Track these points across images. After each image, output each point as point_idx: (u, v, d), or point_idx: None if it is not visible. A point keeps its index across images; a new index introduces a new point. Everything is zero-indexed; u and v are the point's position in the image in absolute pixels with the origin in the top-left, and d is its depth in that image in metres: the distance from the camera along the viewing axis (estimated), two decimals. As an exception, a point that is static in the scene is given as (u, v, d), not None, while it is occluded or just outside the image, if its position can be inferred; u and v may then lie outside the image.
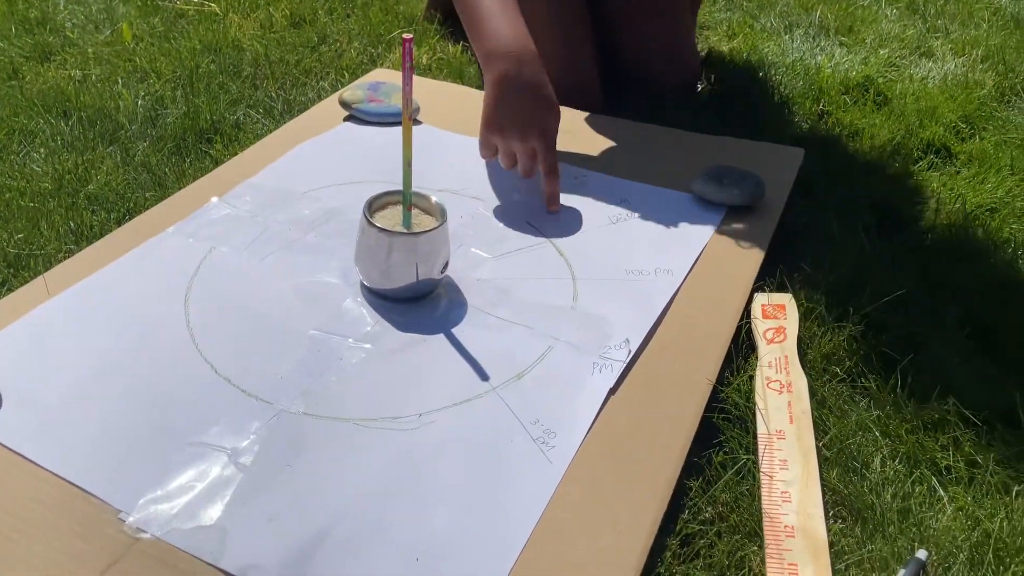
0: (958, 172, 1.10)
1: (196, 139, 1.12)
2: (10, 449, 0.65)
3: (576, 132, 1.11)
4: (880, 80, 1.31)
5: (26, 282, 0.84)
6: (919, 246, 0.95)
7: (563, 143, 1.08)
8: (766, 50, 1.39)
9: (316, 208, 0.95)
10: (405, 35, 0.71)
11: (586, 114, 1.15)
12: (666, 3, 1.21)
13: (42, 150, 1.10)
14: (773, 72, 1.31)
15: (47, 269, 0.86)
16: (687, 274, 0.86)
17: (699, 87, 1.25)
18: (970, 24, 1.54)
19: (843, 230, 0.96)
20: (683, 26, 1.21)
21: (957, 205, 1.02)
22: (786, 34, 1.46)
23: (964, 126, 1.21)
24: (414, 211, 0.82)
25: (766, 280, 0.87)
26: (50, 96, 1.21)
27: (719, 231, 0.92)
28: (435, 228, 0.79)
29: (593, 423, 0.70)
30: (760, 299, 0.84)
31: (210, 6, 1.52)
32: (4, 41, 1.37)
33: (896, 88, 1.30)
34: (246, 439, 0.67)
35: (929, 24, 1.52)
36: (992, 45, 1.44)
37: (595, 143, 1.08)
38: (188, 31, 1.43)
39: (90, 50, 1.37)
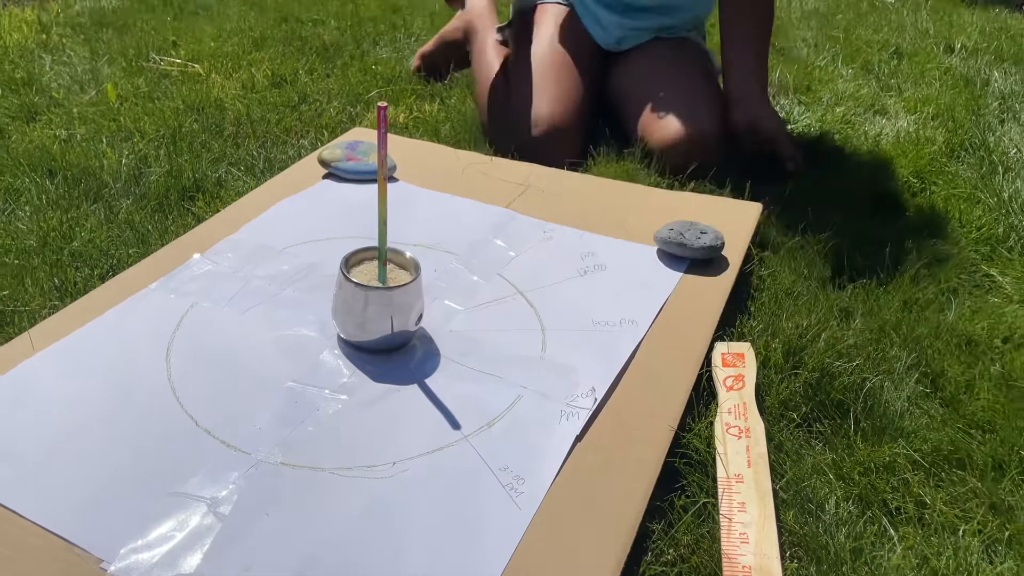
0: (909, 226, 1.15)
1: (179, 197, 1.16)
2: (-6, 501, 0.67)
3: (546, 188, 1.15)
4: (836, 137, 1.37)
5: (11, 338, 0.87)
6: (871, 297, 1.00)
7: (533, 199, 1.13)
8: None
9: (295, 263, 0.98)
10: (380, 103, 0.76)
11: (556, 170, 1.20)
12: (683, 91, 1.24)
13: (27, 208, 1.13)
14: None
15: (32, 325, 0.88)
16: (651, 324, 0.90)
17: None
18: (922, 83, 1.62)
19: (799, 281, 1.01)
20: (699, 111, 1.22)
21: (907, 257, 1.08)
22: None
23: (915, 180, 1.27)
24: (389, 266, 0.85)
25: (726, 330, 0.92)
26: (36, 155, 1.25)
27: (681, 283, 0.96)
28: (409, 283, 0.83)
29: (560, 469, 0.73)
30: (720, 348, 0.88)
31: (193, 67, 1.57)
32: (-9, 102, 1.41)
33: (851, 144, 1.36)
34: (225, 489, 0.69)
35: (883, 83, 1.60)
36: (942, 103, 1.52)
37: (564, 198, 1.13)
38: (172, 91, 1.47)
39: (75, 110, 1.41)
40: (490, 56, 1.39)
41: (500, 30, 1.44)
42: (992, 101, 1.56)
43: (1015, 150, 1.38)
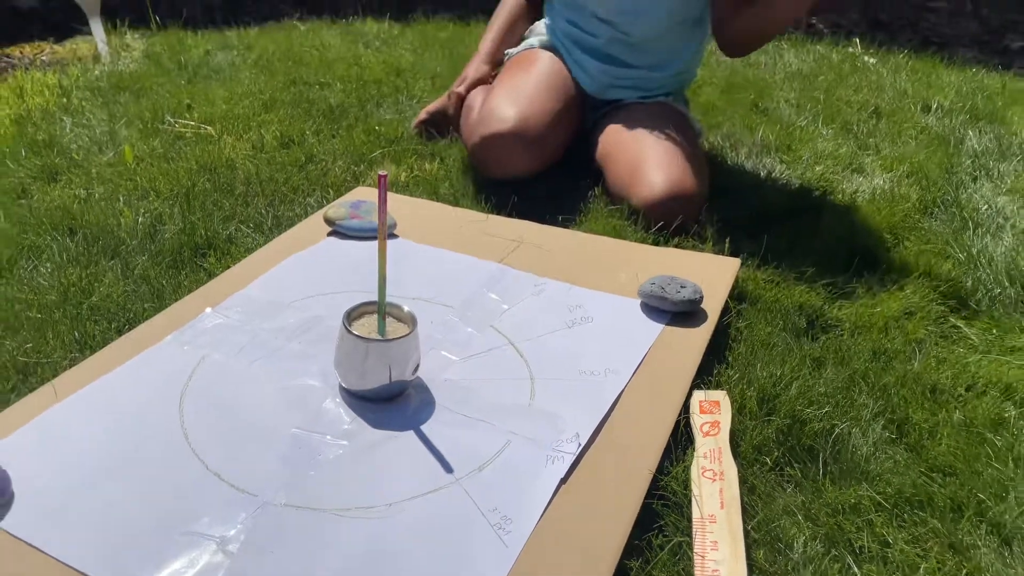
0: (881, 279, 1.21)
1: (192, 253, 1.23)
2: (20, 539, 0.72)
3: (537, 244, 1.22)
4: (815, 194, 1.45)
5: (34, 388, 0.93)
6: (842, 347, 1.06)
7: (526, 254, 1.20)
8: (713, 170, 1.53)
9: (300, 317, 1.05)
10: (381, 171, 0.83)
11: (547, 227, 1.27)
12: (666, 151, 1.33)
13: (49, 265, 1.20)
14: (719, 188, 1.45)
15: (54, 376, 0.95)
16: (633, 373, 0.96)
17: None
18: (899, 142, 1.70)
19: (774, 333, 1.07)
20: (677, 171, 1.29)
21: (878, 310, 1.14)
22: (731, 152, 1.61)
23: (889, 236, 1.34)
24: (388, 319, 0.92)
25: (704, 378, 0.98)
26: (57, 214, 1.32)
27: (663, 334, 1.03)
28: (406, 335, 0.89)
29: (545, 510, 0.78)
30: (698, 396, 0.94)
31: (206, 129, 1.65)
32: (14, 163, 1.49)
33: (829, 202, 1.43)
34: (233, 528, 0.75)
35: (861, 142, 1.68)
36: (917, 161, 1.59)
37: (554, 254, 1.20)
38: (185, 152, 1.56)
39: (94, 170, 1.49)
40: (475, 97, 1.50)
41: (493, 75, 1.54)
42: (965, 159, 1.63)
43: (986, 206, 1.45)
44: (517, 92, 1.38)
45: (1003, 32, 2.70)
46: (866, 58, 2.23)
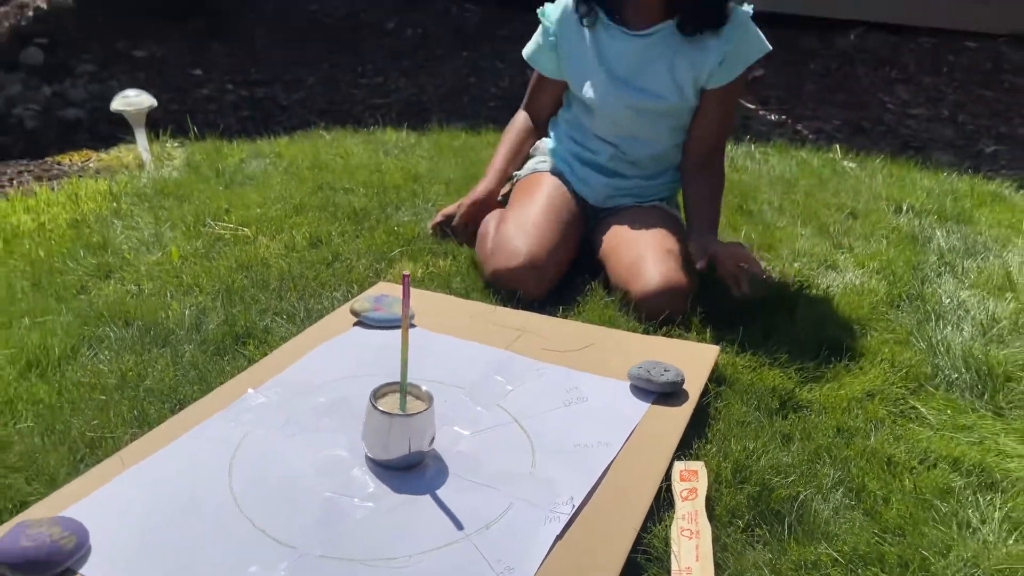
0: (847, 365, 1.35)
1: (233, 342, 1.38)
2: (97, 583, 0.86)
3: (539, 332, 1.37)
4: (792, 289, 1.60)
5: (101, 459, 1.07)
6: (808, 424, 1.19)
7: (528, 341, 1.35)
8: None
9: (330, 397, 1.19)
10: (404, 272, 0.99)
11: (547, 317, 1.43)
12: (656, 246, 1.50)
13: (107, 352, 1.35)
14: (705, 280, 1.60)
15: (117, 449, 1.09)
16: (622, 446, 1.10)
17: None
18: (872, 240, 1.86)
19: (748, 412, 1.20)
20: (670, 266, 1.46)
21: (843, 392, 1.27)
22: (718, 250, 1.77)
23: (858, 327, 1.48)
24: (408, 398, 1.06)
25: (684, 451, 1.11)
26: (113, 308, 1.49)
27: (649, 412, 1.16)
28: (424, 411, 1.04)
29: (543, 562, 0.91)
30: (679, 465, 1.07)
31: (243, 230, 1.84)
32: (74, 262, 1.67)
33: (804, 295, 1.58)
34: (277, 575, 0.87)
35: (836, 241, 1.84)
36: (887, 258, 1.75)
37: (553, 341, 1.35)
38: (225, 252, 1.73)
39: (143, 268, 1.66)
40: (489, 220, 1.66)
41: (505, 194, 1.72)
42: (932, 256, 1.79)
43: (948, 300, 1.60)
44: (525, 223, 1.54)
45: (977, 137, 2.90)
46: (846, 163, 2.42)
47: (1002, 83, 3.24)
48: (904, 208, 2.05)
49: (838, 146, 2.56)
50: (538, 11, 1.68)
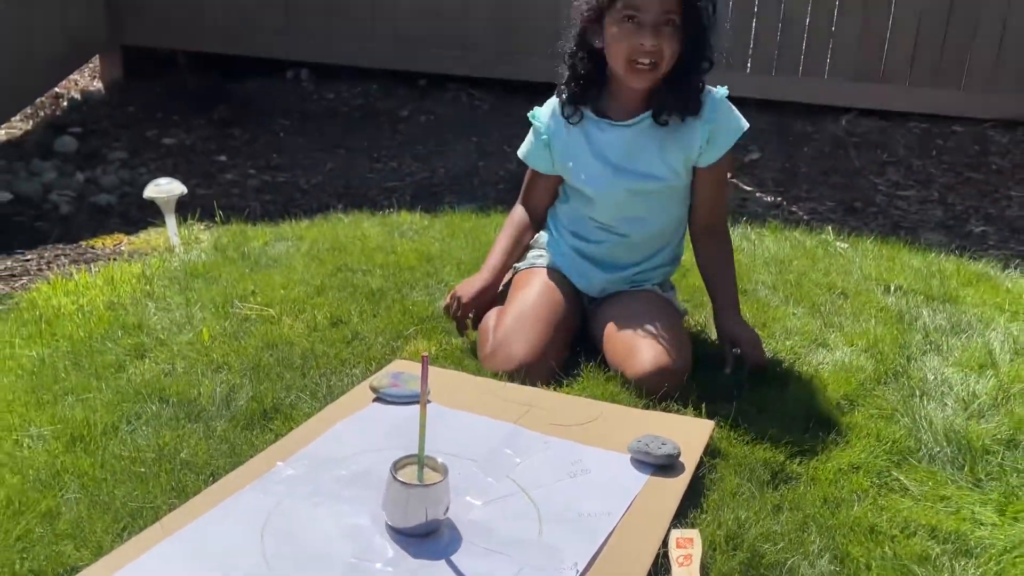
0: (835, 439, 1.45)
1: (261, 417, 1.49)
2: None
3: (544, 407, 1.47)
4: (783, 366, 1.70)
5: (143, 528, 1.16)
6: (797, 495, 1.28)
7: (536, 416, 1.45)
8: (696, 344, 1.80)
9: (353, 469, 1.29)
10: (424, 353, 1.10)
11: (553, 393, 1.53)
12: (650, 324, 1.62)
13: (145, 428, 1.46)
14: (702, 357, 1.70)
15: (157, 518, 1.18)
16: (623, 515, 1.19)
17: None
18: (861, 319, 1.96)
19: (741, 484, 1.29)
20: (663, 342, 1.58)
21: (830, 464, 1.36)
22: (715, 329, 1.88)
23: (846, 402, 1.58)
24: (425, 469, 1.16)
25: (680, 519, 1.20)
26: (149, 386, 1.59)
27: (647, 483, 1.26)
28: (439, 482, 1.13)
29: (549, 621, 0.99)
30: (675, 533, 1.16)
31: (268, 311, 1.96)
32: (112, 342, 1.78)
33: (795, 372, 1.68)
34: (306, 633, 0.96)
35: (827, 320, 1.94)
36: (875, 336, 1.85)
37: (559, 416, 1.45)
38: (252, 331, 1.85)
39: (176, 348, 1.77)
40: (490, 314, 1.76)
41: (504, 284, 1.83)
42: (917, 335, 1.89)
43: (932, 376, 1.70)
44: (521, 325, 1.64)
45: (966, 218, 3.03)
46: (838, 244, 2.54)
47: (989, 166, 3.38)
48: (892, 288, 2.16)
49: (830, 227, 2.68)
50: (529, 114, 1.82)
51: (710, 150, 1.65)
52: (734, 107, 1.69)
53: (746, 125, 1.69)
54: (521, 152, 1.85)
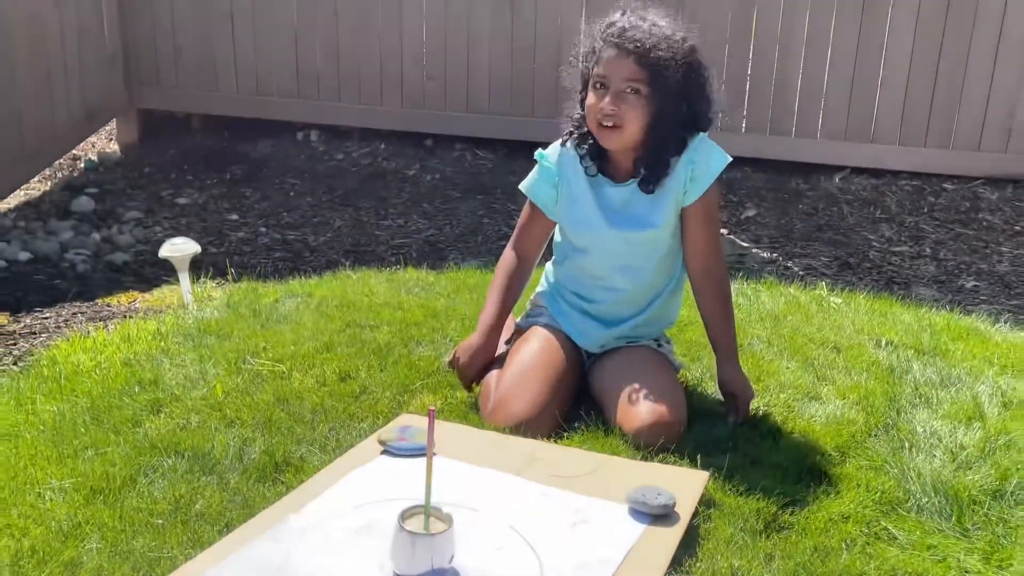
0: (826, 489, 1.50)
1: (273, 470, 1.54)
2: None
3: (545, 459, 1.53)
4: (777, 418, 1.76)
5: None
6: (789, 544, 1.33)
7: (538, 468, 1.50)
8: (692, 397, 1.86)
9: (362, 520, 1.34)
10: (431, 406, 1.17)
11: (555, 445, 1.59)
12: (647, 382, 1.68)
13: (162, 481, 1.52)
14: (698, 411, 1.76)
15: (175, 567, 1.24)
16: (621, 563, 1.24)
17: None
18: (852, 373, 2.02)
19: (735, 533, 1.34)
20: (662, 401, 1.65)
21: (821, 514, 1.42)
22: (711, 382, 1.94)
23: (836, 454, 1.63)
24: (431, 519, 1.22)
25: (675, 567, 1.25)
26: (164, 440, 1.66)
27: (645, 532, 1.31)
28: (445, 531, 1.19)
29: (550, 665, 1.04)
30: (670, 581, 1.21)
31: (279, 367, 2.03)
32: (128, 398, 1.85)
33: (788, 424, 1.74)
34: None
35: (819, 374, 2.01)
36: (866, 390, 1.91)
37: (560, 468, 1.50)
38: (263, 386, 1.91)
39: (190, 403, 1.84)
40: (491, 375, 1.83)
41: (507, 342, 1.90)
42: (908, 388, 1.94)
43: (921, 429, 1.75)
44: (523, 379, 1.70)
45: (958, 273, 3.10)
46: (832, 299, 2.61)
47: (980, 222, 3.47)
48: (884, 342, 2.23)
49: (824, 283, 2.76)
50: (536, 154, 1.90)
51: (693, 187, 1.73)
52: (714, 144, 1.76)
53: (727, 159, 1.75)
54: (524, 185, 1.90)
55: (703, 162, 1.72)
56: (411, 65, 3.97)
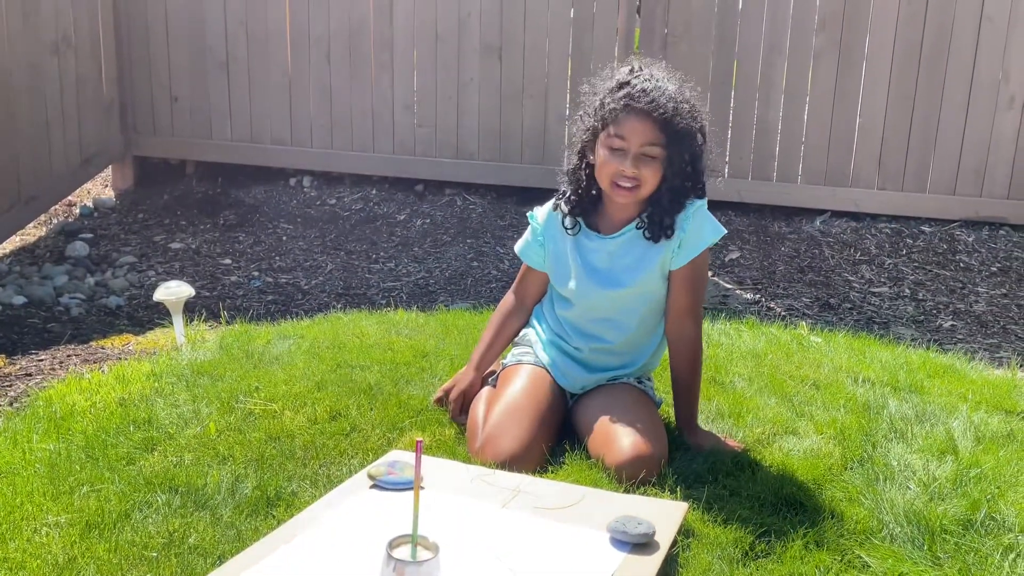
0: (802, 519, 1.54)
1: (265, 505, 1.58)
2: None
3: (530, 492, 1.57)
4: (755, 453, 1.81)
5: (155, 605, 1.25)
6: (765, 572, 1.37)
7: (523, 500, 1.55)
8: (673, 432, 1.91)
9: (351, 550, 1.38)
10: (418, 438, 1.22)
11: (539, 479, 1.63)
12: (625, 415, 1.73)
13: (156, 516, 1.55)
14: (680, 445, 1.81)
15: (168, 597, 1.27)
16: (602, 591, 1.28)
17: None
18: (830, 408, 2.08)
19: (713, 561, 1.39)
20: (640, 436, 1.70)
21: (796, 543, 1.46)
22: (693, 419, 1.99)
23: (813, 486, 1.68)
24: (418, 548, 1.26)
25: (655, 594, 1.29)
26: (159, 477, 1.69)
27: (625, 560, 1.35)
28: (431, 559, 1.23)
29: None
30: (650, 607, 1.25)
31: (271, 406, 2.07)
32: (123, 437, 1.89)
33: (766, 458, 1.79)
34: None
35: (798, 410, 2.06)
36: (843, 425, 1.97)
37: (544, 500, 1.55)
38: (256, 424, 1.95)
39: (184, 441, 1.88)
40: (478, 406, 1.88)
41: (493, 377, 1.95)
42: (883, 423, 2.00)
43: (896, 462, 1.80)
44: (510, 417, 1.75)
45: (936, 313, 3.18)
46: (812, 338, 2.68)
47: (957, 263, 3.56)
48: (861, 379, 2.29)
49: (804, 323, 2.83)
50: (528, 214, 1.99)
51: (680, 254, 1.80)
52: (710, 215, 1.83)
53: (720, 233, 1.83)
54: (518, 248, 2.01)
55: (695, 231, 1.79)
56: (402, 112, 4.08)
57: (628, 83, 1.75)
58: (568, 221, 1.87)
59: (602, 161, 1.76)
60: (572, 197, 1.86)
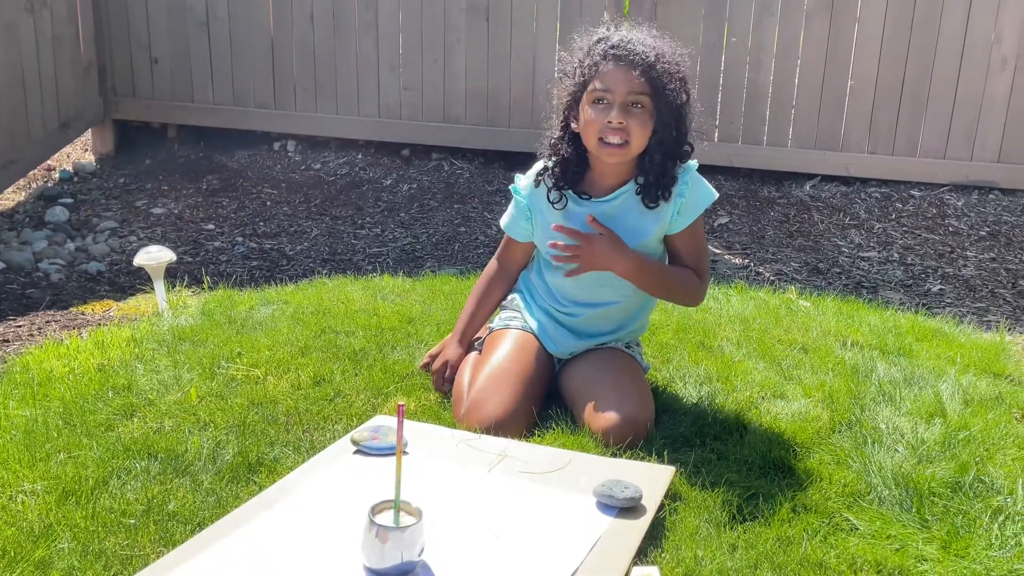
0: (790, 483, 1.53)
1: (246, 471, 1.56)
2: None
3: (517, 456, 1.55)
4: (743, 416, 1.79)
5: (133, 574, 1.23)
6: (752, 535, 1.36)
7: (509, 464, 1.53)
8: (661, 397, 1.89)
9: (333, 515, 1.36)
10: (400, 402, 1.19)
11: (525, 443, 1.61)
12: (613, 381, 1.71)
13: (135, 483, 1.52)
14: (667, 409, 1.79)
15: (145, 566, 1.25)
16: (588, 552, 1.26)
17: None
18: (818, 372, 2.07)
19: (699, 525, 1.37)
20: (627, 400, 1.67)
21: (784, 507, 1.45)
22: (680, 382, 1.98)
23: (801, 449, 1.67)
24: (401, 513, 1.24)
25: (641, 557, 1.27)
26: (138, 443, 1.66)
27: (611, 524, 1.34)
28: (414, 525, 1.21)
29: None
30: (637, 571, 1.24)
31: (253, 372, 2.04)
32: (102, 403, 1.85)
33: (754, 422, 1.77)
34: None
35: (786, 374, 2.05)
36: (831, 388, 1.95)
37: (531, 464, 1.53)
38: (238, 391, 1.92)
39: (164, 407, 1.85)
40: (463, 372, 1.85)
41: (479, 341, 1.92)
42: (872, 386, 1.99)
43: (884, 425, 1.79)
44: (496, 382, 1.72)
45: (925, 277, 3.17)
46: (801, 303, 2.66)
47: (947, 228, 3.54)
48: (850, 343, 2.27)
49: (793, 287, 2.81)
50: (511, 187, 1.93)
51: (680, 219, 1.76)
52: (703, 178, 1.80)
53: (714, 195, 1.80)
54: (503, 223, 1.95)
55: (691, 197, 1.75)
56: (388, 74, 4.00)
57: (605, 38, 1.71)
58: (553, 195, 1.81)
59: (587, 119, 1.71)
60: (556, 169, 1.80)
